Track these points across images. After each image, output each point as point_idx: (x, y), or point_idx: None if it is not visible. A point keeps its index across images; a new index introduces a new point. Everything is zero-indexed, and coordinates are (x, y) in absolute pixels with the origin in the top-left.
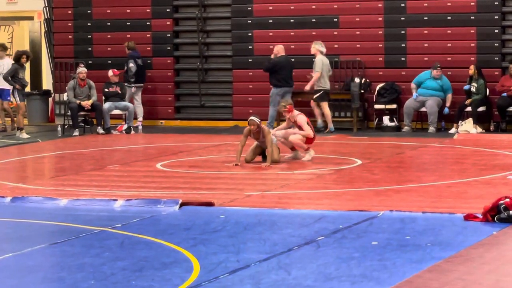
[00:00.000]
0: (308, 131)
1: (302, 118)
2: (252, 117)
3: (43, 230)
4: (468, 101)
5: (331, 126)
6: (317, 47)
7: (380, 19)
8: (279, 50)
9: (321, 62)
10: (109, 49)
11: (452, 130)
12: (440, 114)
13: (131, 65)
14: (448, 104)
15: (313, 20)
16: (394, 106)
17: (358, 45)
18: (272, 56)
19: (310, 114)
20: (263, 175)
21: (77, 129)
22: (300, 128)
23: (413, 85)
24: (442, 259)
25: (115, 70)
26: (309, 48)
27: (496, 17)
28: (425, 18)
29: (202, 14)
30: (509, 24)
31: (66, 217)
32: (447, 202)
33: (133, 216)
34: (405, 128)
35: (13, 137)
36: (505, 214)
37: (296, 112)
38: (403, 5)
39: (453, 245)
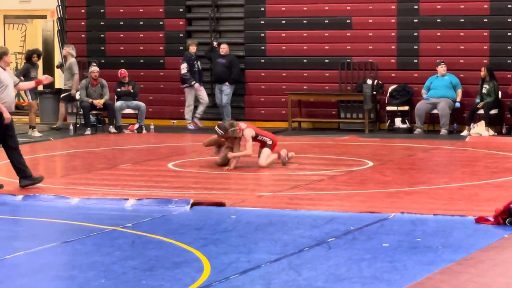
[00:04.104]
0: (248, 150)
1: (248, 132)
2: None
3: (54, 228)
4: (480, 104)
5: (60, 123)
6: (69, 50)
7: (393, 20)
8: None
9: (76, 65)
10: (121, 48)
11: (464, 133)
12: (452, 116)
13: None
14: (458, 99)
15: (326, 21)
16: (406, 108)
17: (370, 47)
18: (223, 53)
19: (316, 113)
20: (274, 176)
21: (89, 128)
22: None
23: (424, 91)
24: (453, 261)
25: (123, 71)
26: (322, 49)
27: (509, 19)
28: (438, 20)
29: (215, 14)
30: None
31: (77, 215)
32: (458, 204)
33: (144, 216)
34: (417, 130)
35: (25, 135)
36: None
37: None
38: (416, 7)
39: (464, 248)
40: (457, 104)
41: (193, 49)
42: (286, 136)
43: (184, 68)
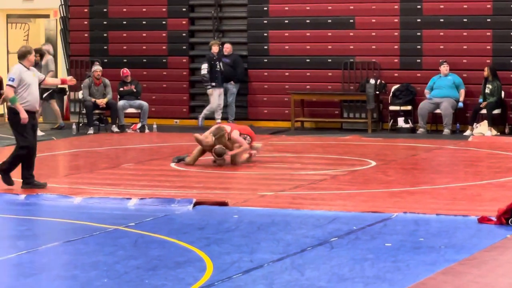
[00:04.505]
0: (244, 145)
1: (235, 134)
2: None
3: (57, 228)
4: (483, 104)
5: (61, 121)
6: (47, 48)
7: (396, 20)
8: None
9: (53, 62)
10: (124, 47)
11: (467, 133)
12: (455, 115)
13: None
14: (461, 98)
15: (329, 21)
16: (409, 107)
17: (373, 47)
18: (226, 53)
19: (319, 112)
20: (277, 175)
21: (91, 127)
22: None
23: (427, 91)
24: (456, 261)
25: (125, 70)
26: (325, 49)
27: None
28: (441, 20)
29: (218, 13)
30: None
31: (80, 215)
32: (461, 204)
33: (147, 215)
34: (420, 130)
35: None
36: None
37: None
38: (419, 7)
39: (466, 248)
40: (460, 104)
41: (215, 49)
42: (288, 135)
43: (204, 69)
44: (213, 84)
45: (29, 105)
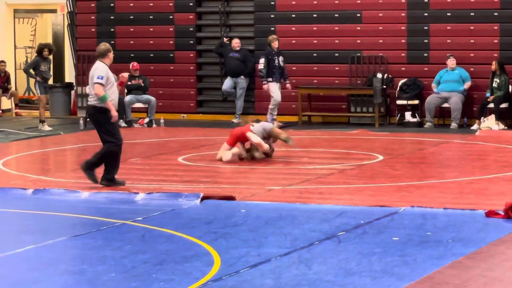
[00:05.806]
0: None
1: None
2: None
3: (64, 222)
4: (490, 98)
5: None
6: None
7: (403, 14)
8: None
9: None
10: (131, 42)
11: (474, 127)
12: (463, 109)
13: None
14: (466, 87)
15: (336, 15)
16: (416, 101)
17: (381, 41)
18: (237, 48)
19: (326, 107)
20: (284, 170)
21: None
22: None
23: (434, 85)
24: (463, 255)
25: (135, 63)
26: (332, 43)
27: None
28: (448, 14)
29: (225, 8)
30: None
31: (87, 209)
32: (468, 198)
33: (154, 210)
34: (427, 124)
35: (35, 129)
36: None
37: None
38: (426, 0)
39: (474, 242)
40: (462, 88)
41: (275, 44)
42: (296, 130)
43: (261, 63)
44: (270, 79)
45: (113, 103)
